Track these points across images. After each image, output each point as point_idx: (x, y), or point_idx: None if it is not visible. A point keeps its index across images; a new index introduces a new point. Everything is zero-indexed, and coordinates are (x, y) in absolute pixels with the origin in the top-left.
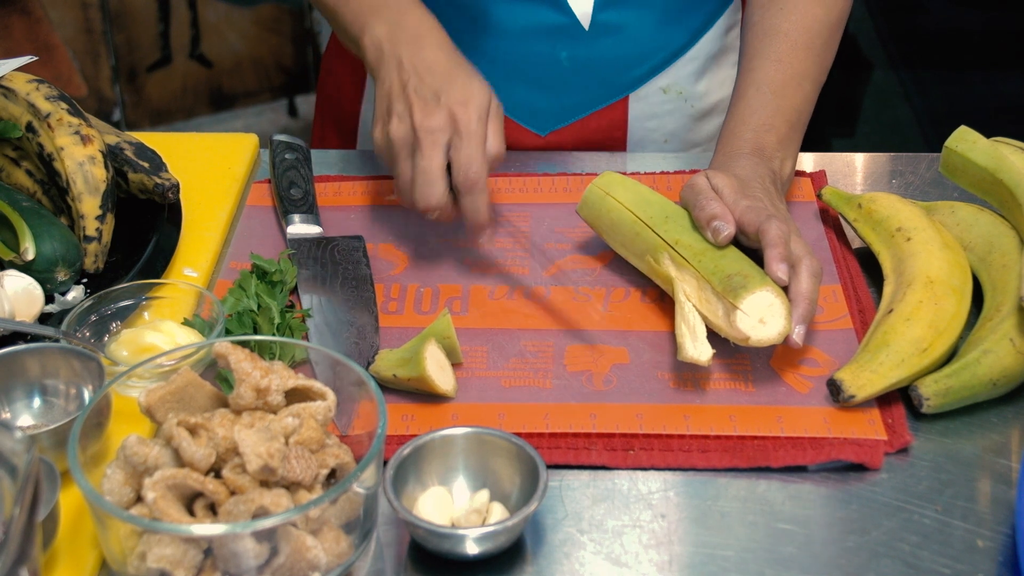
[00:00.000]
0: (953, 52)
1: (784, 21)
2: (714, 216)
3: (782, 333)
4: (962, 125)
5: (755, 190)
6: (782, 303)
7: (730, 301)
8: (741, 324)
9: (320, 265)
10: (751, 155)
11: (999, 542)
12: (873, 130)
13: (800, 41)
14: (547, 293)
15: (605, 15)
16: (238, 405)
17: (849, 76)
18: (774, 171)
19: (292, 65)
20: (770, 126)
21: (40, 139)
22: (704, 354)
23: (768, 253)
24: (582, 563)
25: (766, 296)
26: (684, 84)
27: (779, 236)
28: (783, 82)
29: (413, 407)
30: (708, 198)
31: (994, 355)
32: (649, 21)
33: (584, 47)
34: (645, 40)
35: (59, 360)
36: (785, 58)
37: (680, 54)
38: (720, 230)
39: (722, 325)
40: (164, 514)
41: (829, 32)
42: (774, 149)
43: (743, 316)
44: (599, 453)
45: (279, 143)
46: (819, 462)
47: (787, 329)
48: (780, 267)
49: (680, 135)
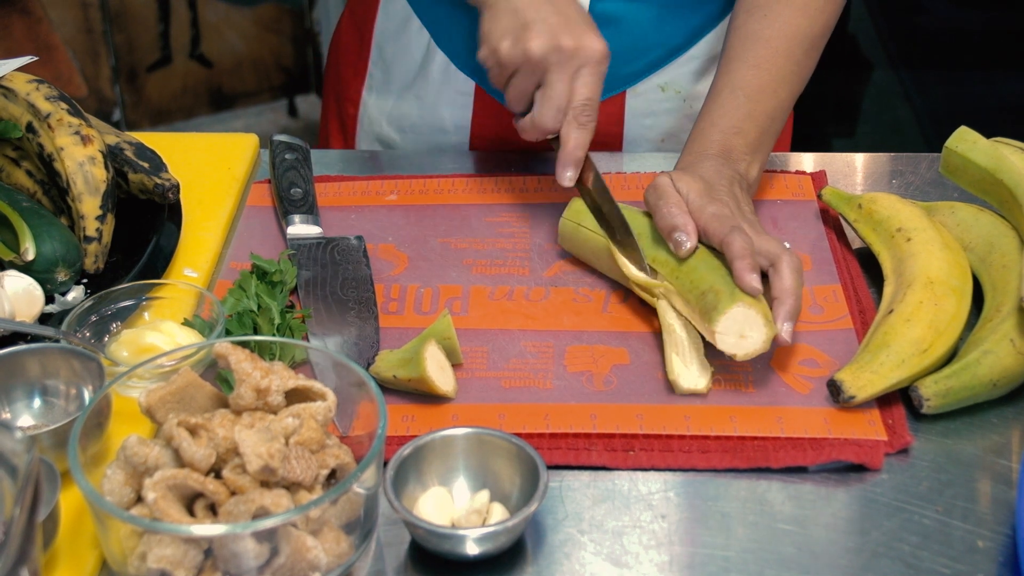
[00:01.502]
0: (953, 52)
1: (767, 28)
2: (675, 227)
3: (766, 341)
4: (962, 125)
5: (721, 193)
6: (757, 312)
7: (706, 324)
8: (722, 345)
9: (320, 265)
10: (717, 156)
11: (999, 542)
12: (873, 130)
13: (780, 48)
14: (547, 294)
15: (602, 6)
16: (238, 405)
17: (849, 76)
18: (740, 173)
19: (292, 65)
20: (740, 129)
21: (40, 139)
22: (701, 383)
23: (735, 266)
24: (582, 563)
25: (739, 311)
26: (683, 83)
27: (744, 248)
28: (759, 87)
29: (413, 408)
30: (671, 203)
31: (994, 355)
32: (647, 15)
33: None
34: (642, 34)
35: (59, 360)
36: (763, 64)
37: (679, 52)
38: (682, 243)
39: (713, 340)
40: (164, 514)
41: (811, 43)
42: (742, 152)
43: (722, 337)
44: (599, 453)
45: (279, 143)
46: (819, 463)
47: (770, 335)
48: (750, 278)
49: (677, 135)
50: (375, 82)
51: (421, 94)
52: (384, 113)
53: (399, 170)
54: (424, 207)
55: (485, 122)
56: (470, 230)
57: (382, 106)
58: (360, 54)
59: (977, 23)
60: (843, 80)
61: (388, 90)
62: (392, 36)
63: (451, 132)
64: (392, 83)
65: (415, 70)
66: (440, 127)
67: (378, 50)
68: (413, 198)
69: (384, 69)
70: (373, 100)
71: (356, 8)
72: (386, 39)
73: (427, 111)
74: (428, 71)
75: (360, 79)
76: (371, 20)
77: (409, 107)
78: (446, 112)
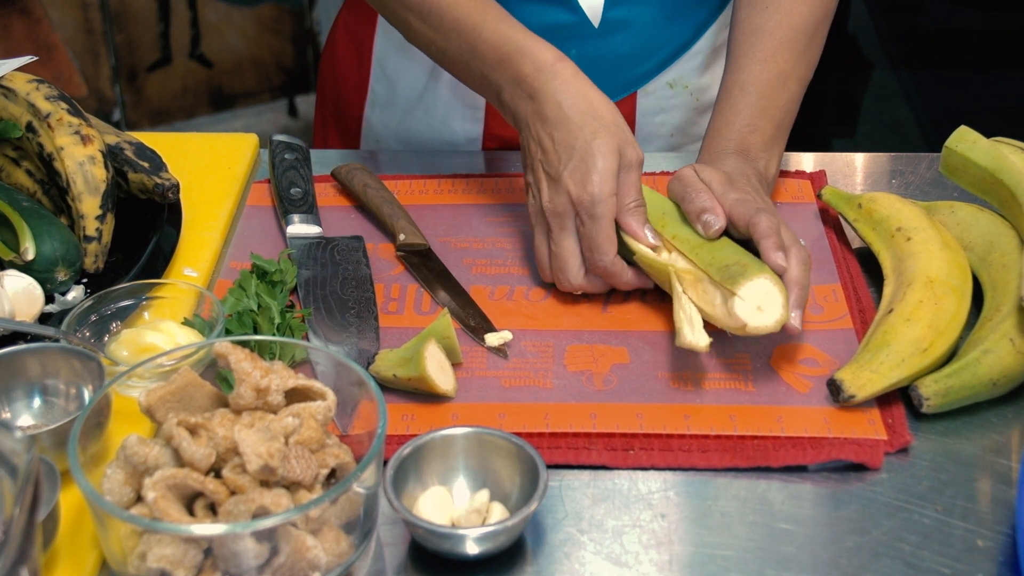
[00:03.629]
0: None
1: (768, 20)
2: (704, 209)
3: (779, 321)
4: (962, 125)
5: (742, 184)
6: (780, 291)
7: (728, 288)
8: (739, 311)
9: (320, 265)
10: (736, 154)
11: (999, 542)
12: (873, 130)
13: (785, 40)
14: (547, 293)
15: (615, 12)
16: (238, 405)
17: (849, 76)
18: (759, 171)
19: (292, 65)
20: (755, 127)
21: (40, 139)
22: (702, 340)
23: (763, 244)
24: (582, 563)
25: (764, 283)
26: (689, 78)
27: (770, 227)
28: (768, 82)
29: (413, 407)
30: (697, 190)
31: (994, 355)
32: (656, 17)
33: (593, 45)
34: (652, 36)
35: (59, 360)
36: (770, 57)
37: (685, 49)
38: (711, 224)
39: (719, 315)
40: (164, 514)
41: (814, 29)
42: (759, 150)
43: (741, 303)
44: (599, 453)
45: (279, 143)
46: (819, 462)
47: (784, 317)
48: (777, 255)
49: (686, 129)
50: (378, 98)
51: (430, 109)
52: (390, 129)
53: (399, 170)
54: (424, 207)
55: (498, 134)
56: (470, 230)
57: (387, 122)
58: (360, 71)
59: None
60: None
61: (393, 106)
62: (394, 53)
63: (463, 146)
64: (397, 99)
65: (422, 86)
66: (451, 141)
67: (379, 67)
68: (413, 198)
69: (388, 86)
70: (377, 116)
71: (351, 24)
72: (388, 56)
73: (436, 126)
74: (437, 86)
75: (362, 95)
76: (370, 37)
77: (417, 123)
78: (457, 126)
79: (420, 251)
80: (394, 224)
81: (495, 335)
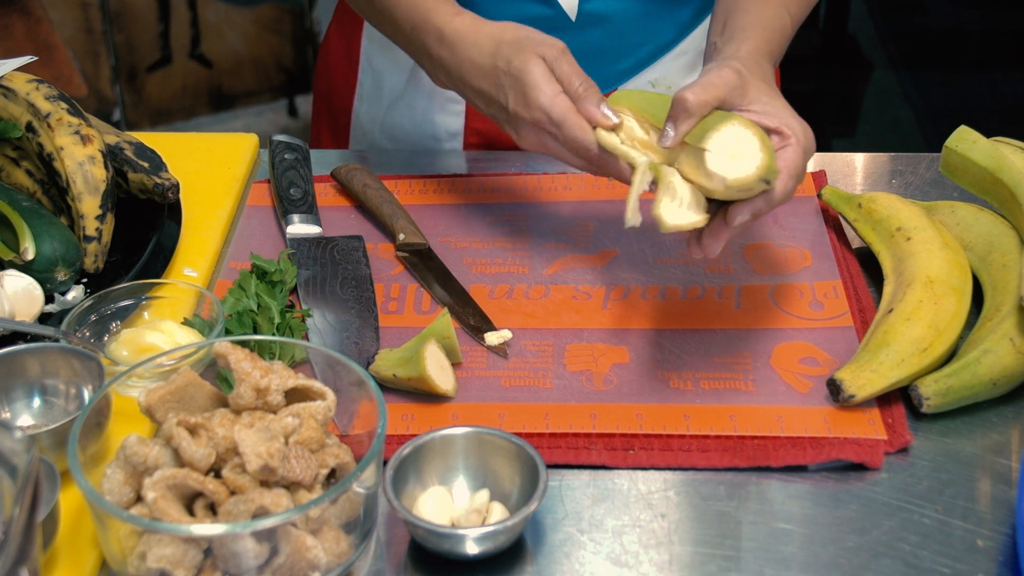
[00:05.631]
0: (953, 52)
1: None
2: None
3: (761, 168)
4: (962, 125)
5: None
6: (752, 133)
7: (696, 146)
8: (712, 166)
9: (320, 265)
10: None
11: (999, 542)
12: (873, 130)
13: None
14: (547, 292)
15: (591, 6)
16: (238, 405)
17: (849, 76)
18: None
19: (292, 65)
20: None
21: (40, 139)
22: (691, 216)
23: None
24: (582, 563)
25: (733, 129)
26: (674, 78)
27: None
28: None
29: (413, 407)
30: None
31: (994, 355)
32: (634, 12)
33: (571, 39)
34: (631, 31)
35: (59, 360)
36: None
37: (668, 48)
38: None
39: (703, 183)
40: (164, 514)
41: None
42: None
43: (712, 156)
44: (599, 453)
45: (279, 143)
46: (819, 462)
47: (767, 163)
48: None
49: None
50: (366, 91)
51: (413, 103)
52: (376, 122)
53: (395, 170)
54: (424, 207)
55: (478, 128)
56: (470, 229)
57: (374, 115)
58: (350, 64)
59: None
60: (843, 80)
61: (379, 99)
62: (380, 46)
63: (444, 139)
64: (383, 92)
65: (405, 79)
66: (433, 135)
67: (367, 60)
68: (413, 198)
69: (374, 79)
70: (365, 109)
71: (343, 18)
72: (374, 49)
73: (419, 120)
74: (419, 80)
75: (351, 88)
76: (358, 30)
77: (401, 116)
78: (439, 119)
79: (420, 251)
80: (394, 224)
81: (495, 334)
